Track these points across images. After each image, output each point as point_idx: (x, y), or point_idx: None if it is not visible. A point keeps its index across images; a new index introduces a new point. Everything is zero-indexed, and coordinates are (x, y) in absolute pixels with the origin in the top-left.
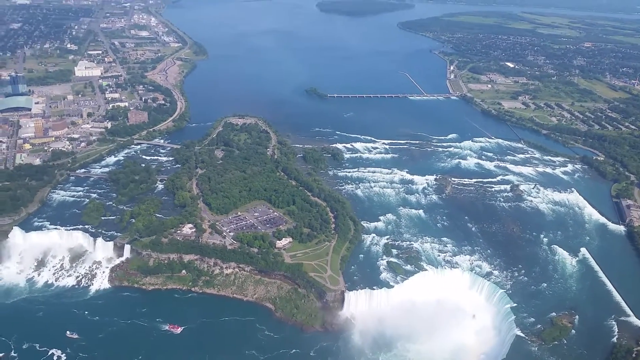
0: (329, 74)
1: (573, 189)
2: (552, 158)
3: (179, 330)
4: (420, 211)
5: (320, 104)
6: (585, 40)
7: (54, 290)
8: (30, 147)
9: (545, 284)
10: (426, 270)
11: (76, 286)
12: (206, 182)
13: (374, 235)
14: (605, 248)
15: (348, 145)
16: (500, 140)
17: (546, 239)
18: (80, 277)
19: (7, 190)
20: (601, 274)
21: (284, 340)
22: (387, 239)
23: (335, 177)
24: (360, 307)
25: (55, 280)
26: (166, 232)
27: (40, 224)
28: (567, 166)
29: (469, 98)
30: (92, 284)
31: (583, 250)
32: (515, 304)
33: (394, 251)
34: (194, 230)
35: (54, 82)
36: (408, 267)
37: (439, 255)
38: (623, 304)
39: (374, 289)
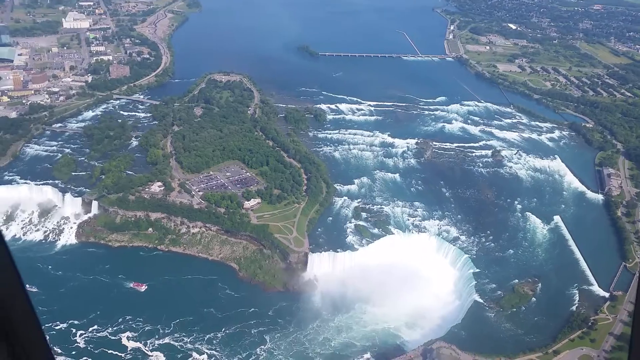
0: (324, 31)
1: (556, 155)
2: (539, 124)
3: (143, 287)
4: (397, 175)
5: (311, 63)
6: (596, 2)
7: (21, 245)
8: (8, 99)
9: (512, 251)
10: (393, 234)
11: (43, 241)
12: (180, 140)
13: (346, 198)
14: (580, 217)
15: (332, 106)
16: (489, 104)
17: (520, 206)
18: (48, 232)
19: None
20: (571, 242)
21: (243, 299)
22: (358, 202)
23: (315, 138)
24: (324, 269)
25: (23, 235)
26: (134, 190)
27: (11, 178)
28: (554, 132)
29: (464, 60)
30: (59, 239)
31: (556, 218)
32: (478, 270)
33: (364, 214)
34: (162, 188)
35: (40, 33)
36: (375, 230)
37: (408, 220)
38: (588, 273)
39: (337, 252)
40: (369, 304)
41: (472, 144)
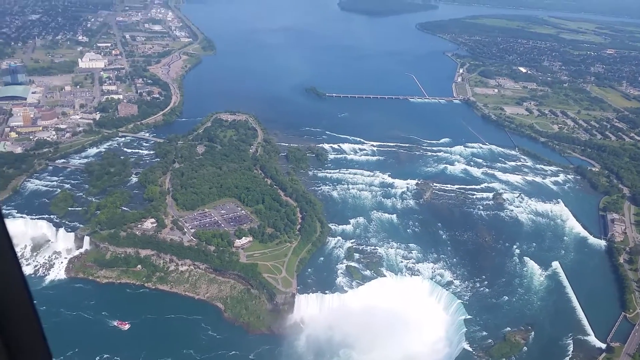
0: (333, 73)
1: (559, 199)
2: (544, 167)
3: (126, 326)
4: (394, 216)
5: (317, 103)
6: (609, 46)
7: None
8: (16, 135)
9: (507, 297)
10: (385, 276)
11: (32, 275)
12: (179, 177)
13: (340, 238)
14: (580, 262)
15: (335, 146)
16: (493, 147)
17: (518, 250)
18: (39, 266)
19: None
20: (569, 289)
21: (225, 342)
22: (352, 243)
23: (314, 177)
24: (311, 311)
25: None
26: (126, 226)
27: (8, 211)
28: (558, 176)
29: (471, 102)
30: (49, 273)
31: (555, 264)
32: (470, 316)
33: (357, 255)
34: (155, 225)
35: (56, 72)
36: (367, 272)
37: (401, 262)
38: (585, 322)
39: (325, 293)
40: (354, 350)
41: (473, 186)
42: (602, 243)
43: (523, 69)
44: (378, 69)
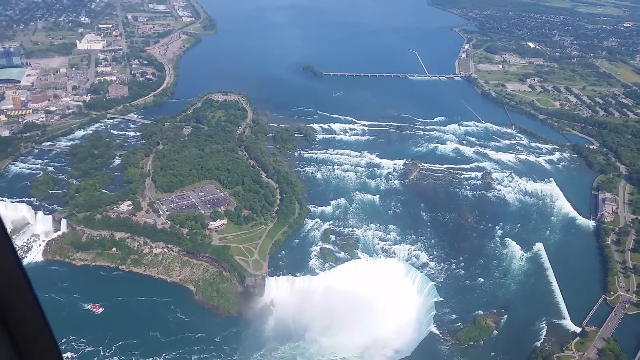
0: (334, 51)
1: (551, 179)
2: (540, 145)
3: (100, 310)
4: (376, 197)
5: (313, 82)
6: (628, 19)
7: None
8: (6, 118)
9: (483, 279)
10: (359, 258)
11: None
12: (160, 158)
13: (318, 220)
14: (565, 244)
15: (325, 126)
16: (489, 125)
17: (501, 231)
18: (17, 249)
19: None
20: (550, 272)
21: (192, 324)
22: (329, 225)
23: (300, 158)
24: (281, 294)
25: None
26: (101, 209)
27: None
28: (553, 154)
29: (472, 79)
30: (26, 256)
31: (538, 245)
32: (442, 299)
33: (333, 237)
34: (131, 207)
35: (54, 54)
36: (341, 254)
37: (378, 244)
38: (562, 305)
39: (296, 276)
40: (321, 334)
41: (462, 166)
42: (591, 223)
43: (532, 44)
44: (381, 45)
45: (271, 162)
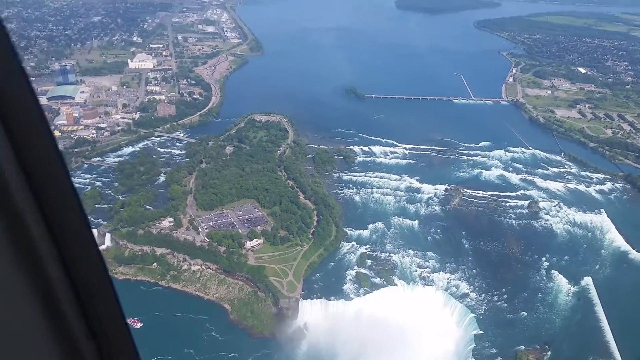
0: (378, 73)
1: (602, 210)
2: (590, 174)
3: (139, 325)
4: (415, 222)
5: (355, 105)
6: None
7: None
8: (60, 133)
9: (526, 313)
10: (395, 285)
11: None
12: (202, 177)
13: (354, 243)
14: (616, 279)
15: (365, 148)
16: (537, 152)
17: (547, 263)
18: None
19: None
20: (599, 308)
21: (226, 343)
22: (366, 249)
23: (339, 180)
24: (315, 318)
25: None
26: (144, 224)
27: None
28: (605, 184)
29: (520, 104)
30: None
31: (587, 279)
32: (481, 332)
33: (369, 262)
34: (172, 224)
35: (107, 73)
36: (377, 280)
37: (415, 271)
38: (613, 345)
39: (330, 300)
40: None
41: (508, 193)
42: None
43: (582, 70)
44: (426, 68)
45: (309, 183)
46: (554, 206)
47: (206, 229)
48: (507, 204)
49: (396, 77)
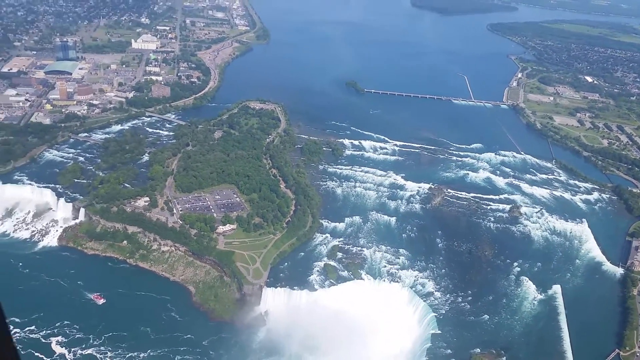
0: (381, 69)
1: (584, 219)
2: (578, 183)
3: (102, 301)
4: (393, 219)
5: (353, 98)
6: None
7: (7, 241)
8: (51, 107)
9: (488, 317)
10: (362, 279)
11: (28, 240)
12: (186, 159)
13: (328, 235)
14: (586, 289)
15: (355, 142)
16: (528, 157)
17: (518, 269)
18: (35, 232)
19: (7, 144)
20: (563, 317)
21: (184, 324)
22: (338, 241)
23: (324, 172)
24: (277, 306)
25: (13, 232)
26: (119, 202)
27: (20, 178)
28: (592, 194)
29: (519, 108)
30: (42, 239)
31: (556, 287)
32: (439, 331)
33: (339, 255)
34: (147, 203)
35: (109, 51)
36: (345, 273)
37: (385, 267)
38: (569, 355)
39: (294, 289)
40: (309, 352)
41: (491, 196)
42: (619, 271)
43: (589, 78)
44: (431, 67)
45: (293, 173)
46: (536, 212)
47: (181, 210)
48: (489, 207)
49: (399, 75)
